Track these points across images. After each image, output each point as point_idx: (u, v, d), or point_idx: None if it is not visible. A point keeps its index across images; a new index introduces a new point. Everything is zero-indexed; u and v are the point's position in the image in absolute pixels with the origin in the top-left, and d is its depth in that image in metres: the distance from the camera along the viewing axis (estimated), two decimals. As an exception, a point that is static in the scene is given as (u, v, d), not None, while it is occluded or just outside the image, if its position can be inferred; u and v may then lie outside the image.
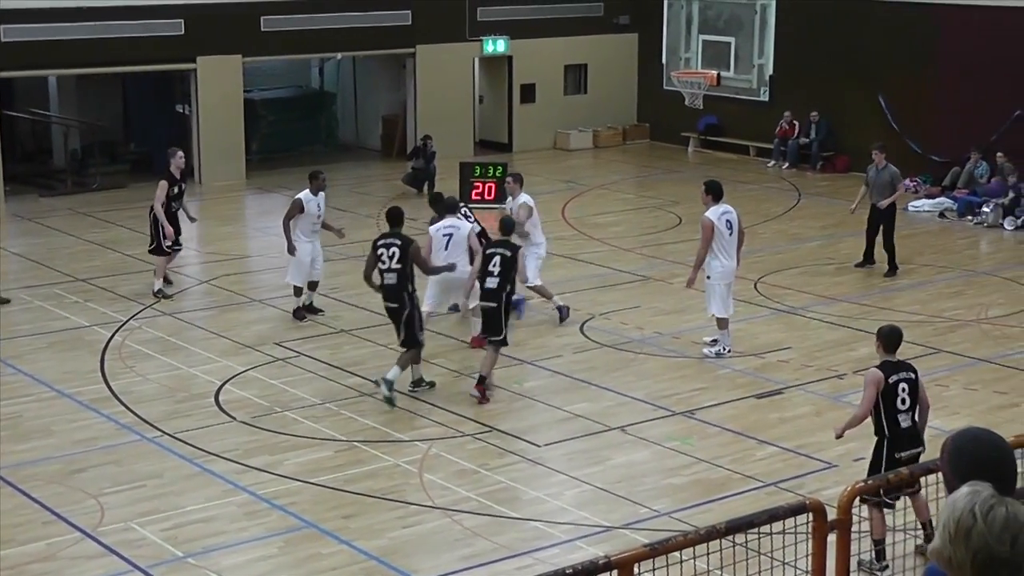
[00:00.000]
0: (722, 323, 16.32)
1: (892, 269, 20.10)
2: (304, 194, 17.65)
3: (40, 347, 16.90)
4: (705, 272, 16.23)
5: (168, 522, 11.75)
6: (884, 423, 10.68)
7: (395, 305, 14.87)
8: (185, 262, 21.25)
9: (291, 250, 17.49)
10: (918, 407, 10.87)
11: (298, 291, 17.86)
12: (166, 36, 27.03)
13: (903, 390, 10.71)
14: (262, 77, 31.29)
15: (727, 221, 16.08)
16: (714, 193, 16.20)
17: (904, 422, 10.71)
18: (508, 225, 15.62)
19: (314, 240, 17.78)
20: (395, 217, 15.19)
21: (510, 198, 18.01)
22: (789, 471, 12.89)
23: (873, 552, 10.67)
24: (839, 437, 11.35)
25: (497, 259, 14.91)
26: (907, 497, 10.56)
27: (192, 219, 19.75)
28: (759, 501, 11.80)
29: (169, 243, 18.95)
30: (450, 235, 16.29)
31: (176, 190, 19.01)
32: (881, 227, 20.12)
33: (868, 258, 20.44)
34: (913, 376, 10.84)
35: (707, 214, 16.14)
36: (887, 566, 10.53)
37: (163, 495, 12.39)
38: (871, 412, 10.74)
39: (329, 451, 13.45)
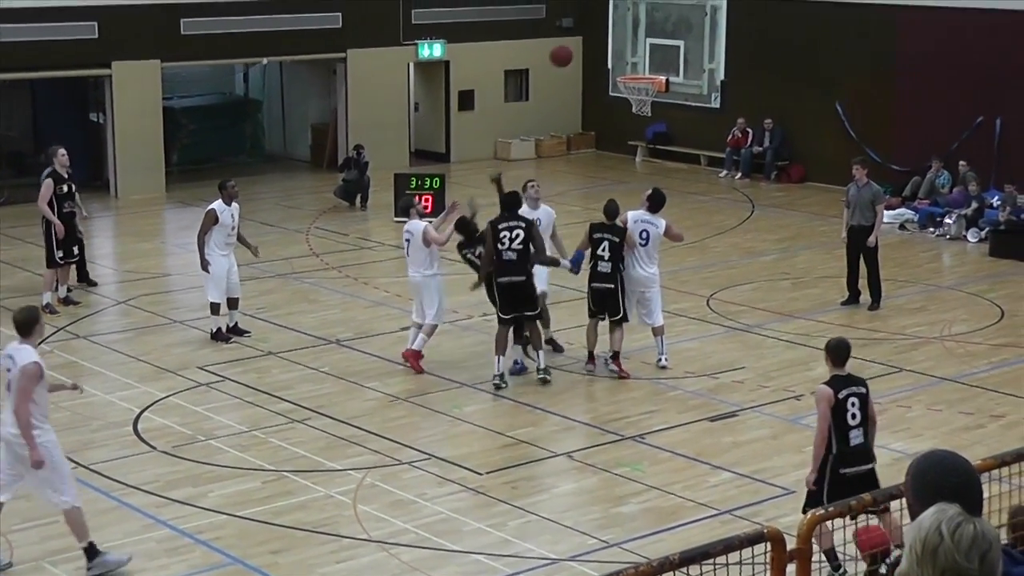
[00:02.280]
0: (656, 330, 16.70)
1: (876, 302, 19.24)
2: (217, 204, 17.64)
3: (-57, 373, 16.68)
4: None
5: (83, 560, 11.59)
6: (833, 440, 10.78)
7: (522, 278, 15.82)
8: (101, 281, 21.05)
9: (205, 266, 17.46)
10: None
11: (216, 308, 17.77)
12: (79, 39, 26.83)
13: (853, 405, 10.84)
14: (182, 83, 31.12)
15: (643, 230, 16.38)
16: (653, 202, 16.58)
17: (855, 439, 10.82)
18: (612, 209, 16.31)
19: (229, 253, 17.75)
20: (514, 201, 16.15)
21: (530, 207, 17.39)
22: (745, 498, 12.96)
23: (828, 563, 10.64)
24: (815, 485, 10.86)
25: (606, 244, 16.12)
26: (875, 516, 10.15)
27: (84, 216, 20.20)
28: (714, 530, 11.86)
29: (61, 253, 19.14)
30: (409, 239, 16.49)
31: (65, 189, 19.27)
32: (862, 256, 19.08)
33: (853, 291, 19.32)
34: (864, 391, 10.97)
35: (628, 212, 16.59)
36: (845, 571, 10.58)
37: (77, 531, 12.25)
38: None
39: (256, 482, 13.37)
